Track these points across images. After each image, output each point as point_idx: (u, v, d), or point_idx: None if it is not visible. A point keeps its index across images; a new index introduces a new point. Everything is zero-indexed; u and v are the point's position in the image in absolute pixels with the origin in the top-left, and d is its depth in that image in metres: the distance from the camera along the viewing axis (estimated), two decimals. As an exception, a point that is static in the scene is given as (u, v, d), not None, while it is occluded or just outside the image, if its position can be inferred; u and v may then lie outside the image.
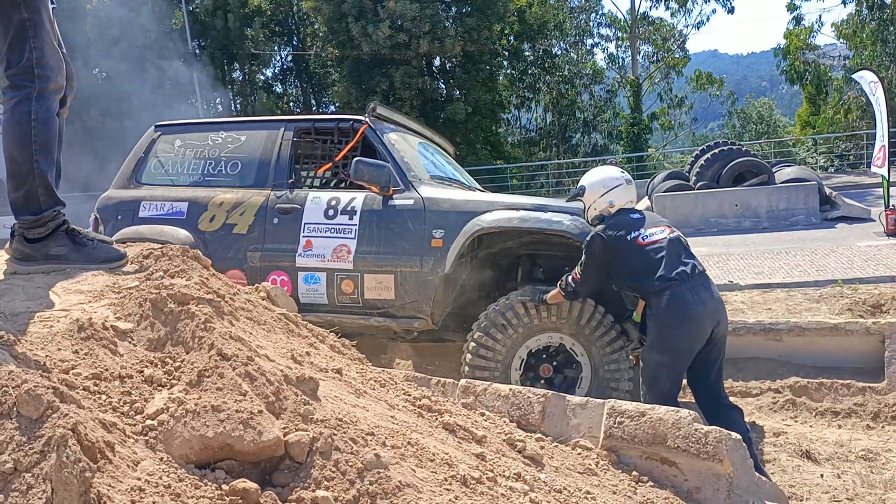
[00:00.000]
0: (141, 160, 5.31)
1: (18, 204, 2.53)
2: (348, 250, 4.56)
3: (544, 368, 4.43)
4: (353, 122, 5.04)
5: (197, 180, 5.12)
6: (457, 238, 4.41)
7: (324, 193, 4.83)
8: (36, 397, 1.45)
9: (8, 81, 2.44)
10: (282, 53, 36.08)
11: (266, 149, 5.04)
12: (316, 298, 4.60)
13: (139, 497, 1.44)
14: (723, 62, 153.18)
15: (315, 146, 5.15)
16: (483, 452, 2.22)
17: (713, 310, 3.74)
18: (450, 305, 4.69)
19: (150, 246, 2.63)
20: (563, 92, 35.35)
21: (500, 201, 4.59)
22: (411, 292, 4.48)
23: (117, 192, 5.26)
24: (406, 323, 4.54)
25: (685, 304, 3.64)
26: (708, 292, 3.76)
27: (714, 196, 15.54)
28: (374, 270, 4.53)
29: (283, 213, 4.79)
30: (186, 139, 5.29)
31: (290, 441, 1.70)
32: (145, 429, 1.67)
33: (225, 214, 4.87)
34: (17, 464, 1.38)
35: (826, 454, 4.27)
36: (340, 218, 4.65)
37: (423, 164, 5.12)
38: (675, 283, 3.67)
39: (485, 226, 4.41)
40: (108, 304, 2.13)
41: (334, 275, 4.58)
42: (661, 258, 3.73)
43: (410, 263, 4.48)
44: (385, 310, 4.55)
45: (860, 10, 29.06)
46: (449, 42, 26.55)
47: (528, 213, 4.46)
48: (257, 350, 2.01)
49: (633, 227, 3.86)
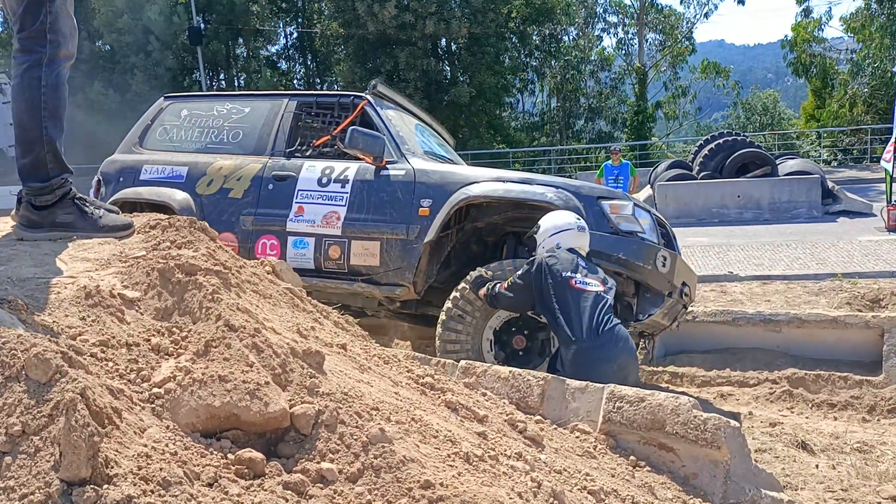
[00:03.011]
0: (147, 127, 5.48)
1: (26, 171, 2.52)
2: (338, 217, 4.65)
3: (517, 340, 4.45)
4: (354, 97, 5.15)
5: (199, 147, 5.26)
6: (443, 207, 4.48)
7: (319, 162, 4.92)
8: (44, 361, 1.46)
9: (19, 45, 2.42)
10: (287, 30, 35.89)
11: (268, 120, 5.18)
12: (303, 263, 4.68)
13: (146, 463, 1.45)
14: (729, 52, 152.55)
15: (316, 120, 5.23)
16: (485, 431, 2.23)
17: (619, 367, 3.74)
18: (433, 276, 4.74)
19: (157, 216, 2.63)
20: (568, 77, 35.18)
21: (487, 174, 4.67)
22: (395, 259, 4.55)
23: (121, 156, 5.43)
24: (388, 290, 4.60)
25: (590, 362, 3.65)
26: (615, 349, 3.76)
27: (717, 186, 15.52)
28: (361, 237, 4.61)
29: (279, 180, 4.88)
30: (193, 109, 5.46)
31: (296, 413, 1.71)
32: (152, 396, 1.68)
33: (222, 179, 4.99)
34: (26, 426, 1.39)
35: (822, 445, 4.30)
36: (333, 186, 4.74)
37: (418, 142, 5.21)
38: (582, 342, 3.69)
39: (471, 195, 4.48)
40: (116, 273, 2.13)
41: (322, 240, 4.68)
42: (582, 308, 3.74)
43: (397, 231, 4.55)
44: (369, 276, 4.62)
45: (869, 4, 28.88)
46: (455, 23, 26.41)
47: (514, 185, 4.53)
48: (264, 323, 2.01)
49: (572, 268, 3.85)
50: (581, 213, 4.27)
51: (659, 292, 4.41)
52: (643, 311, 4.48)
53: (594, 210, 4.33)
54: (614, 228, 4.30)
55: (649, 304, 4.47)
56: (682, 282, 4.57)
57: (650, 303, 4.47)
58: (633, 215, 4.37)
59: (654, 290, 4.41)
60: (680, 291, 4.52)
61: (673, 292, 4.45)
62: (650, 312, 4.44)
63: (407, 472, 1.64)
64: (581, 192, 4.43)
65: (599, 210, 4.34)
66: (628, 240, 4.30)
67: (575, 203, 4.33)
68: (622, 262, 4.25)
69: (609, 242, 4.26)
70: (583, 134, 36.14)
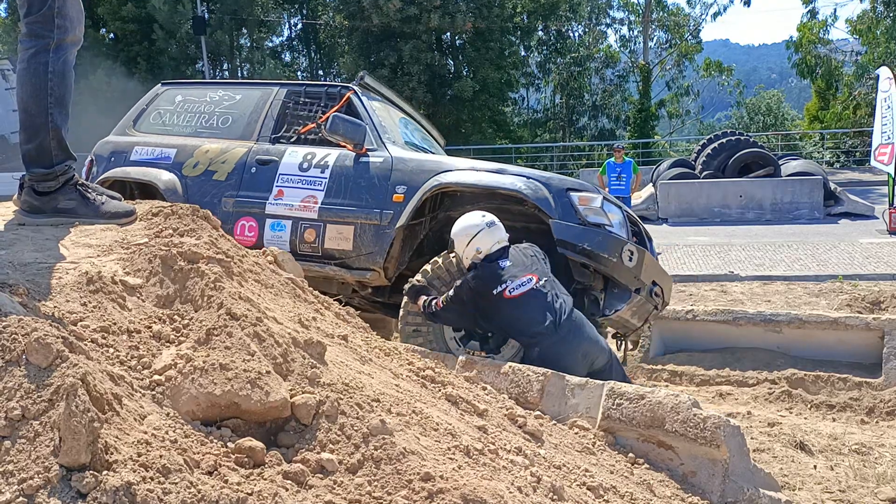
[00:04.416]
0: (142, 111, 5.66)
1: (30, 156, 2.50)
2: (315, 201, 4.76)
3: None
4: (341, 87, 5.29)
5: (190, 132, 5.42)
6: (416, 193, 4.57)
7: (302, 148, 5.04)
8: (45, 346, 1.45)
9: (26, 29, 2.40)
10: (291, 21, 35.78)
11: (257, 107, 5.34)
12: (279, 245, 4.73)
13: (145, 450, 1.44)
14: (734, 52, 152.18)
15: (304, 108, 5.33)
16: (485, 425, 2.23)
17: (584, 353, 3.73)
18: (405, 263, 4.80)
19: (160, 203, 2.62)
20: (573, 74, 35.10)
21: (462, 163, 4.76)
22: (368, 244, 4.64)
23: (114, 137, 5.60)
24: (359, 274, 4.67)
25: (556, 357, 3.62)
26: (578, 337, 3.74)
27: (719, 186, 15.51)
28: (337, 221, 4.70)
29: (262, 164, 5.01)
30: (187, 95, 5.64)
31: (297, 403, 1.70)
32: (152, 384, 1.67)
33: (208, 162, 5.12)
34: (26, 411, 1.38)
35: (820, 446, 4.29)
36: (313, 171, 4.87)
37: (401, 133, 5.33)
38: (543, 337, 3.66)
39: (442, 182, 4.55)
40: (117, 259, 2.12)
41: (299, 223, 4.79)
42: (528, 311, 3.70)
43: (371, 216, 4.64)
44: (342, 260, 4.71)
45: (875, 7, 28.79)
46: (460, 17, 26.32)
47: (485, 174, 4.60)
48: (265, 312, 2.01)
49: (499, 280, 3.78)
50: (549, 202, 4.32)
51: (626, 288, 4.43)
52: (610, 306, 4.50)
53: (563, 201, 4.36)
54: (582, 220, 4.32)
55: (616, 300, 4.49)
56: (653, 281, 4.59)
57: (617, 298, 4.49)
58: (601, 208, 4.40)
59: (621, 285, 4.43)
60: (650, 290, 4.55)
61: (641, 289, 4.47)
62: (617, 308, 4.45)
63: (407, 464, 1.63)
64: (551, 182, 4.47)
65: (568, 201, 4.37)
66: (594, 231, 4.31)
67: (544, 193, 4.37)
68: (587, 253, 4.27)
69: (575, 233, 4.28)
70: (585, 131, 36.07)
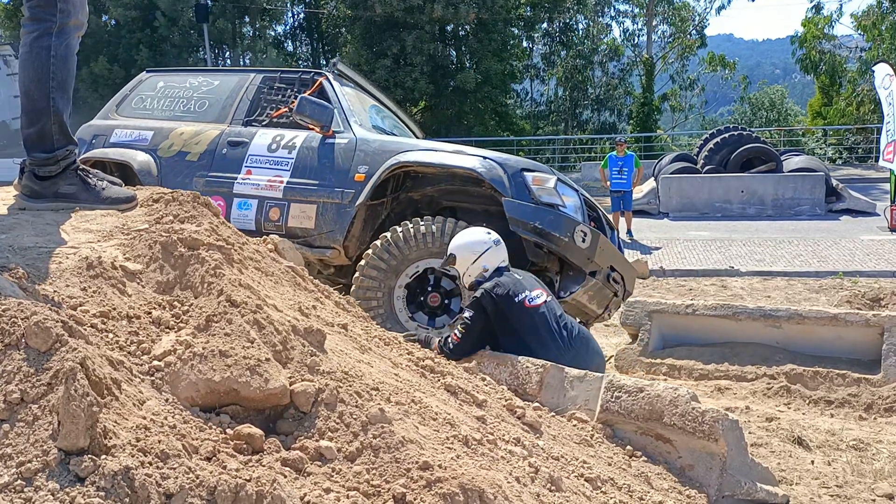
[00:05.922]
0: (125, 96, 5.86)
1: (31, 141, 2.49)
2: (281, 181, 4.89)
3: (432, 298, 4.54)
4: (314, 73, 5.43)
5: (168, 116, 5.59)
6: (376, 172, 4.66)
7: (271, 130, 5.16)
8: (45, 329, 1.45)
9: (29, 13, 2.39)
10: (294, 10, 35.66)
11: (233, 92, 5.50)
12: (245, 224, 4.85)
13: (144, 435, 1.44)
14: (738, 47, 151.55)
15: (278, 93, 5.49)
16: (484, 416, 2.23)
17: (597, 368, 3.70)
18: (366, 243, 4.85)
19: (161, 190, 2.61)
20: (577, 67, 34.99)
21: (423, 144, 4.90)
22: (329, 222, 4.74)
23: (97, 121, 5.80)
24: (320, 252, 4.77)
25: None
26: (588, 352, 3.74)
27: (721, 181, 15.48)
28: (300, 200, 4.82)
29: (232, 146, 5.14)
30: (169, 81, 5.84)
31: (296, 390, 1.70)
32: (152, 369, 1.67)
33: (182, 143, 5.27)
34: (24, 394, 1.38)
35: (817, 441, 4.30)
36: (281, 152, 5.00)
37: (369, 118, 5.44)
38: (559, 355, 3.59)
39: (401, 161, 4.65)
40: (118, 245, 2.12)
41: (264, 202, 4.91)
42: (544, 324, 3.68)
43: (333, 195, 4.74)
44: (304, 238, 4.80)
45: (881, 2, 28.67)
46: (463, 8, 26.21)
47: (443, 154, 4.68)
48: (265, 299, 2.00)
49: (519, 289, 3.74)
50: (504, 182, 4.40)
51: (580, 270, 4.49)
52: (564, 287, 4.59)
53: (517, 181, 4.45)
54: (535, 199, 4.40)
55: (571, 282, 4.57)
56: (611, 266, 4.65)
57: (572, 280, 4.58)
58: (554, 189, 4.48)
59: (575, 266, 4.49)
60: (607, 276, 4.61)
61: (597, 273, 4.51)
62: (571, 290, 4.52)
63: (406, 452, 1.63)
64: (507, 163, 4.55)
65: (522, 181, 4.45)
66: (546, 210, 4.38)
67: (499, 173, 4.45)
68: (538, 231, 4.33)
69: (526, 210, 4.35)
70: (588, 124, 36.00)
